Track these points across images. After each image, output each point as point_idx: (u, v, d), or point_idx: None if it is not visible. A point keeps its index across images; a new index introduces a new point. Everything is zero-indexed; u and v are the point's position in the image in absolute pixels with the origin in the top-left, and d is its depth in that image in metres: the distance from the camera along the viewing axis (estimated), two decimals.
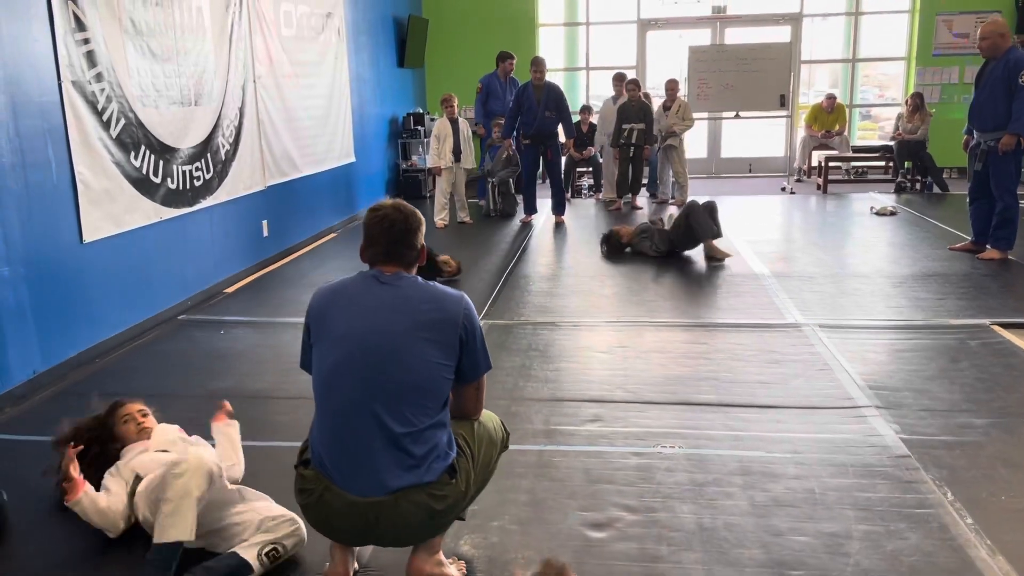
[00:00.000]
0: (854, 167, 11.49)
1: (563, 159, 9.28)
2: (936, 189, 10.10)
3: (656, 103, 10.29)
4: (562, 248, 7.54)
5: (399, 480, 2.22)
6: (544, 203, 9.17)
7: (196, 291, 5.75)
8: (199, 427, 3.65)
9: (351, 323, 2.32)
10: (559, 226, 8.62)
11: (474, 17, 11.96)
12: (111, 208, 4.78)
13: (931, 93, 11.20)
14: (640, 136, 9.31)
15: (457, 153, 8.46)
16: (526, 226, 8.64)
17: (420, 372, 2.28)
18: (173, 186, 5.42)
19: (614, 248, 6.97)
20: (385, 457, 2.23)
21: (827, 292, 5.67)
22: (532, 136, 8.56)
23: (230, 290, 6.11)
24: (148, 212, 5.15)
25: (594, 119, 11.05)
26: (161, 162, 5.27)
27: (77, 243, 4.51)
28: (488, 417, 2.56)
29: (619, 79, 10.15)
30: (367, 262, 2.46)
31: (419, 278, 2.43)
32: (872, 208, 8.83)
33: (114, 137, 4.78)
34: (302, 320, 2.50)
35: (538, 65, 8.41)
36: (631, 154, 9.39)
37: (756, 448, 3.30)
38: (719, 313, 5.26)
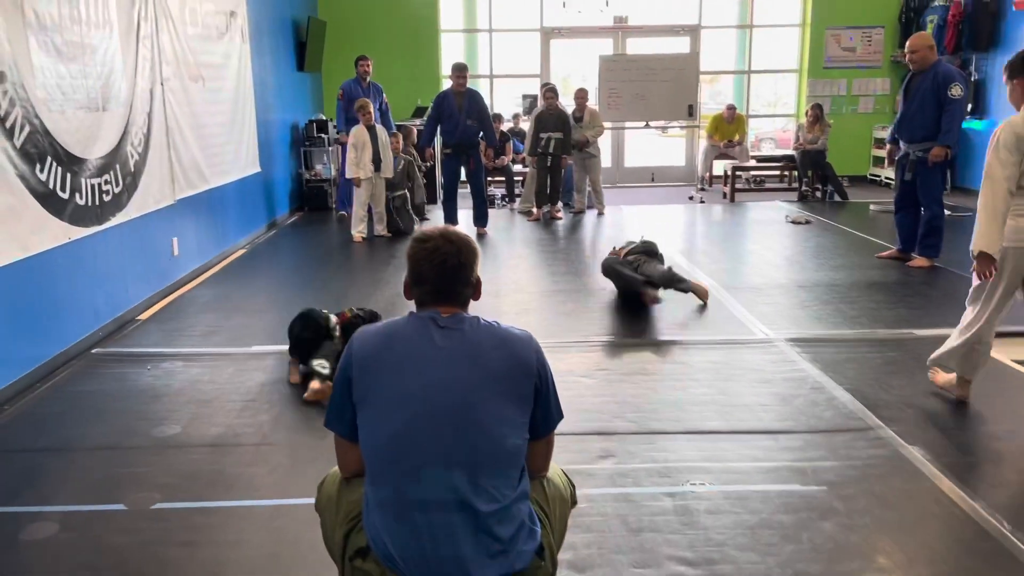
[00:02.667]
0: (754, 176, 11.75)
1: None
2: (837, 197, 10.43)
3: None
4: (496, 263, 7.23)
5: (487, 571, 1.86)
6: (463, 214, 8.82)
7: (108, 320, 5.08)
8: (152, 484, 3.14)
9: (413, 379, 1.94)
10: (482, 238, 8.31)
11: (373, 21, 11.50)
12: (16, 229, 4.11)
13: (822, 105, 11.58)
14: (558, 146, 9.12)
15: (377, 162, 8.01)
16: None
17: (499, 435, 1.93)
18: (82, 202, 4.76)
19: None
20: (470, 544, 1.86)
21: (781, 304, 5.62)
22: (454, 145, 8.22)
23: (144, 316, 5.46)
24: (56, 232, 4.49)
25: (505, 127, 10.86)
26: (69, 175, 4.61)
27: None
28: (553, 471, 2.23)
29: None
30: (415, 301, 2.09)
31: (479, 317, 2.07)
32: (787, 217, 8.99)
33: (18, 147, 4.12)
34: (240, 351, 2.10)
35: (461, 71, 8.08)
36: (548, 164, 9.19)
37: (790, 481, 3.11)
38: (686, 329, 5.09)
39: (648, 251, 5.84)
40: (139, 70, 5.58)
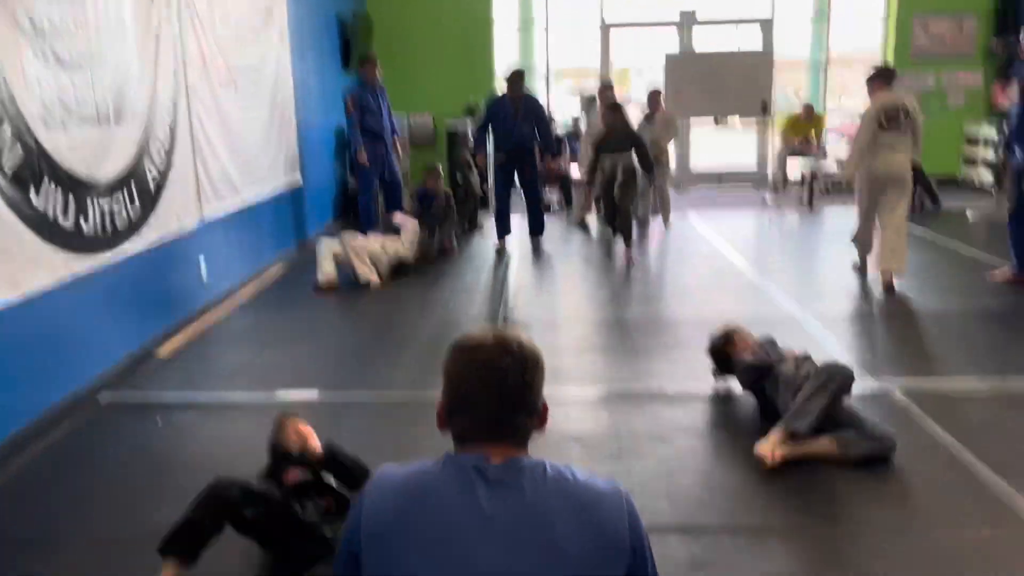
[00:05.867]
0: (831, 179, 10.83)
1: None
2: (928, 203, 9.48)
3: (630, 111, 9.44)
4: (552, 284, 6.56)
5: None
6: (517, 223, 8.14)
7: (120, 357, 4.55)
8: None
9: (448, 569, 1.29)
10: (538, 251, 7.64)
11: (422, 16, 10.89)
12: (5, 266, 3.58)
13: None
14: (629, 171, 7.10)
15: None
16: (500, 253, 7.64)
17: None
18: (89, 229, 4.22)
19: (724, 365, 4.07)
20: None
21: (886, 339, 4.86)
22: (508, 152, 7.56)
23: (163, 351, 4.92)
24: (56, 266, 3.94)
25: (561, 131, 10.17)
26: (72, 199, 4.07)
27: None
28: None
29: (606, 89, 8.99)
30: (456, 435, 1.44)
31: (544, 462, 1.41)
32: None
33: (7, 171, 3.58)
34: (263, 398, 1.49)
35: (516, 82, 7.31)
36: (616, 193, 7.12)
37: None
38: None
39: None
40: (160, 77, 5.03)
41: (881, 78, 6.09)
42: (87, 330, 4.25)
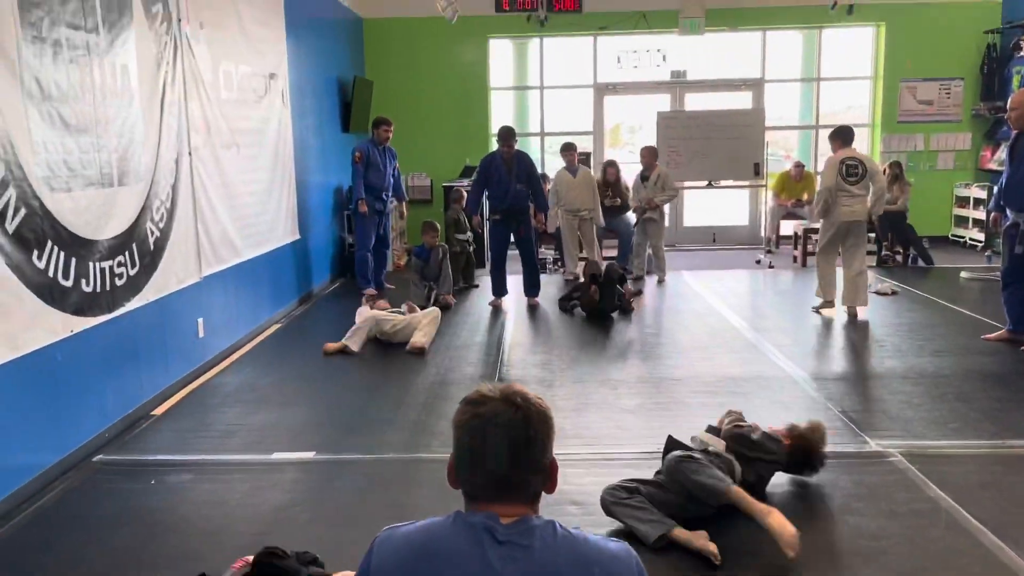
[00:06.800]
0: None
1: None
2: (920, 262, 9.58)
3: (622, 171, 9.59)
4: (548, 342, 6.56)
5: None
6: (513, 283, 8.18)
7: (116, 418, 4.53)
8: None
9: None
10: (534, 310, 7.68)
11: (421, 80, 11.13)
12: (5, 326, 3.59)
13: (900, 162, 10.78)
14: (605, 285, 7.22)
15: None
16: (496, 311, 7.67)
17: None
18: (88, 289, 4.25)
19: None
20: None
21: (884, 400, 4.85)
22: (503, 211, 7.64)
23: (159, 411, 4.90)
24: (55, 326, 3.96)
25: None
26: (74, 260, 4.11)
27: None
28: None
29: (568, 149, 9.18)
30: (465, 492, 1.45)
31: (554, 523, 1.43)
32: (869, 286, 8.18)
33: (10, 233, 3.62)
34: (259, 460, 1.51)
35: (508, 139, 7.44)
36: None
37: None
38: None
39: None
40: (163, 140, 5.11)
41: (840, 137, 6.99)
42: (83, 389, 4.24)
